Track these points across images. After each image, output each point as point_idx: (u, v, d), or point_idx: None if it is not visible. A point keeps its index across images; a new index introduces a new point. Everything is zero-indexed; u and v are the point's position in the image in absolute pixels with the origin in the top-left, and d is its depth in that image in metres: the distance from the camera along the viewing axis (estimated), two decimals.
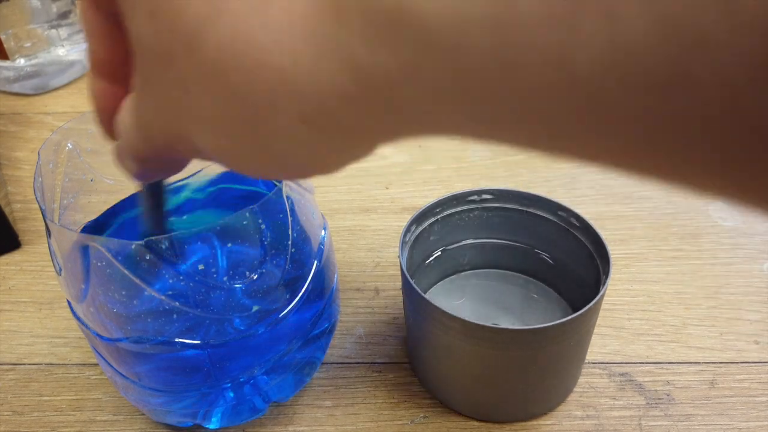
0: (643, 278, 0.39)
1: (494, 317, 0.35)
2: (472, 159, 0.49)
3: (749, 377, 0.33)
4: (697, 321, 0.36)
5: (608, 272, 0.29)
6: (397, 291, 0.39)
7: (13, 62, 0.57)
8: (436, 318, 0.28)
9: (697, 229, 0.42)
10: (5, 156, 0.52)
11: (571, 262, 0.34)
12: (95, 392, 0.34)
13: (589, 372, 0.33)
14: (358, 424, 0.32)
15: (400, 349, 0.35)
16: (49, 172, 0.28)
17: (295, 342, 0.29)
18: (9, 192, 0.48)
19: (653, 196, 0.45)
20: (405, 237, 0.32)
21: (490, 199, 0.34)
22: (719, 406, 0.32)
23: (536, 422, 0.31)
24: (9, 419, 0.33)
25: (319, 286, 0.30)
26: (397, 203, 0.45)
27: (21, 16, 0.56)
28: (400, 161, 0.49)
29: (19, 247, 0.43)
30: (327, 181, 0.47)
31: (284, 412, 0.32)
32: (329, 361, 0.35)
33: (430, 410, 0.32)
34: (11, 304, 0.39)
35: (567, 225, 0.33)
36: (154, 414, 0.30)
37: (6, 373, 0.35)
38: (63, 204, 0.29)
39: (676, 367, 0.33)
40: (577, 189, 0.46)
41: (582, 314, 0.27)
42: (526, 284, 0.37)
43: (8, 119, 0.56)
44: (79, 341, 0.36)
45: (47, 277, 0.41)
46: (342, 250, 0.42)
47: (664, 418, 0.31)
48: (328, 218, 0.40)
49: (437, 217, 0.34)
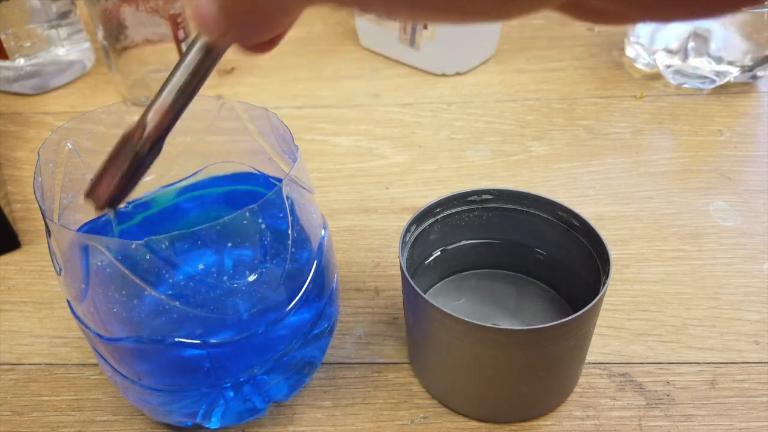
0: (643, 278, 0.39)
1: (494, 317, 0.35)
2: (472, 159, 0.49)
3: (749, 378, 0.33)
4: (698, 321, 0.36)
5: (608, 272, 0.29)
6: (397, 291, 0.39)
7: (13, 62, 0.57)
8: (436, 318, 0.28)
9: (697, 229, 0.42)
10: (5, 156, 0.52)
11: (571, 262, 0.34)
12: (95, 392, 0.34)
13: (589, 372, 0.33)
14: (358, 424, 0.32)
15: (400, 349, 0.35)
16: (48, 172, 0.28)
17: (295, 342, 0.29)
18: (9, 192, 0.48)
19: (653, 196, 0.45)
20: (405, 237, 0.32)
21: (490, 199, 0.34)
22: (719, 406, 0.32)
23: (536, 422, 0.31)
24: (9, 419, 0.33)
25: (319, 286, 0.30)
26: (397, 203, 0.45)
27: (21, 16, 0.56)
28: (400, 161, 0.49)
29: (19, 247, 0.43)
30: (327, 181, 0.47)
31: (284, 412, 0.32)
32: (329, 361, 0.35)
33: (430, 410, 0.32)
34: (11, 304, 0.39)
35: (567, 225, 0.33)
36: (154, 414, 0.30)
37: (6, 373, 0.35)
38: (63, 204, 0.29)
39: (677, 367, 0.33)
40: (577, 189, 0.46)
41: (582, 314, 0.27)
42: (526, 284, 0.37)
43: (8, 119, 0.56)
44: (79, 341, 0.36)
45: (47, 277, 0.41)
46: (342, 250, 0.42)
47: (664, 418, 0.31)
48: (328, 218, 0.40)
49: (437, 217, 0.34)
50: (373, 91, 0.58)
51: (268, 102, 0.57)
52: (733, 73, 0.54)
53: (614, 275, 0.39)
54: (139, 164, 0.22)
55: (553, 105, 0.55)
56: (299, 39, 0.67)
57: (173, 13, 0.53)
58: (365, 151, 0.50)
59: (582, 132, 0.51)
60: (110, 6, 0.52)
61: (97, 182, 0.23)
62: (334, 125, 0.54)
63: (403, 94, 0.57)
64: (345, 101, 0.57)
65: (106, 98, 0.59)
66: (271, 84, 0.60)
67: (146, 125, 0.21)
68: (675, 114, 0.53)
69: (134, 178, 0.22)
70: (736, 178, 0.46)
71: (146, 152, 0.22)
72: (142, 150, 0.22)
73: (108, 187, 0.22)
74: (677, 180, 0.46)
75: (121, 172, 0.22)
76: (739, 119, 0.52)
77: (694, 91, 0.55)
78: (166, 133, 0.22)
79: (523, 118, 0.53)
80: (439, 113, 0.54)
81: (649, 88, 0.56)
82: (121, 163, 0.22)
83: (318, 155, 0.50)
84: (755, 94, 0.55)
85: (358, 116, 0.54)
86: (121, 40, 0.54)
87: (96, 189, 0.23)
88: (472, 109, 0.55)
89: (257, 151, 0.32)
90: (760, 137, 0.50)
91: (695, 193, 0.45)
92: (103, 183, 0.23)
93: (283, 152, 0.31)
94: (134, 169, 0.22)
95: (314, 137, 0.52)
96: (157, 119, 0.21)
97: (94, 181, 0.23)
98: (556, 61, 0.61)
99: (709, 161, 0.48)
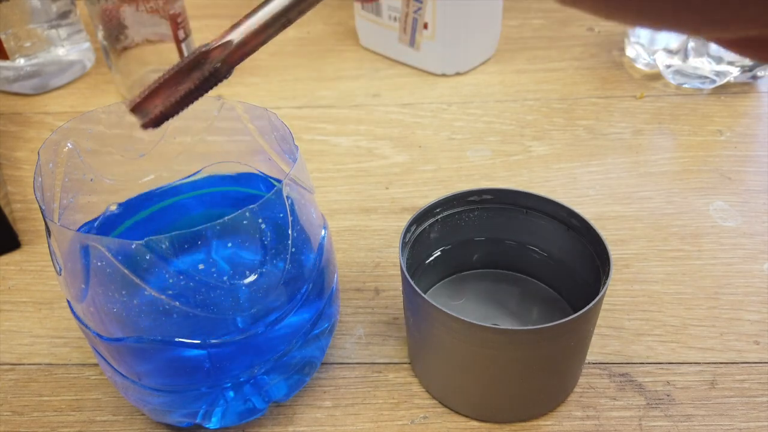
0: (643, 278, 0.39)
1: (494, 317, 0.35)
2: (472, 159, 0.49)
3: (749, 378, 0.33)
4: (698, 321, 0.36)
5: (608, 272, 0.29)
6: (397, 291, 0.39)
7: (13, 62, 0.57)
8: (436, 318, 0.28)
9: (697, 229, 0.42)
10: (5, 156, 0.52)
11: (571, 262, 0.34)
12: (95, 392, 0.34)
13: (589, 372, 0.33)
14: (358, 424, 0.32)
15: (400, 349, 0.35)
16: (49, 172, 0.28)
17: (295, 342, 0.29)
18: (9, 192, 0.48)
19: (653, 196, 0.45)
20: (405, 237, 0.32)
21: (490, 199, 0.34)
22: (719, 406, 0.32)
23: (536, 422, 0.31)
24: (9, 419, 0.33)
25: (319, 286, 0.30)
26: (397, 203, 0.45)
27: (21, 16, 0.56)
28: (400, 161, 0.49)
29: (19, 247, 0.43)
30: (327, 181, 0.47)
31: (284, 412, 0.32)
32: (329, 361, 0.35)
33: (430, 410, 0.32)
34: (11, 304, 0.39)
35: (567, 225, 0.33)
36: (154, 414, 0.30)
37: (6, 373, 0.35)
38: (63, 204, 0.29)
39: (677, 367, 0.33)
40: (577, 189, 0.46)
41: (582, 314, 0.27)
42: (526, 284, 0.37)
43: (8, 119, 0.56)
44: (79, 341, 0.36)
45: (47, 277, 0.41)
46: (342, 250, 0.42)
47: (664, 418, 0.31)
48: (328, 218, 0.40)
49: (437, 217, 0.34)
50: (373, 91, 0.58)
51: (268, 102, 0.57)
52: (733, 73, 0.54)
53: (614, 275, 0.39)
54: (207, 85, 0.20)
55: (553, 105, 0.55)
56: (299, 39, 0.67)
57: (173, 13, 0.53)
58: (365, 151, 0.50)
59: (582, 132, 0.51)
60: (110, 6, 0.52)
61: (149, 97, 0.21)
62: (334, 125, 0.54)
63: (403, 94, 0.57)
64: (345, 101, 0.57)
65: (106, 98, 0.59)
66: (271, 84, 0.60)
67: (230, 43, 0.19)
68: (675, 114, 0.53)
69: (193, 99, 0.21)
70: (736, 178, 0.46)
71: (224, 73, 0.20)
72: (220, 69, 0.20)
73: (162, 104, 0.20)
74: (677, 180, 0.46)
75: (184, 90, 0.20)
76: (739, 119, 0.52)
77: (694, 91, 0.55)
78: (247, 55, 0.20)
79: (523, 118, 0.53)
80: (439, 113, 0.54)
81: (649, 88, 0.56)
82: (184, 81, 0.20)
83: (318, 155, 0.50)
84: (755, 94, 0.55)
85: (358, 116, 0.54)
86: (121, 40, 0.54)
87: (147, 103, 0.21)
88: (472, 109, 0.55)
89: (257, 151, 0.32)
90: (760, 137, 0.50)
91: (695, 193, 0.45)
92: (157, 99, 0.21)
93: (283, 152, 0.31)
94: (199, 89, 0.20)
95: (314, 137, 0.52)
96: (245, 38, 0.19)
97: (146, 94, 0.21)
98: (556, 61, 0.61)
99: (709, 161, 0.48)
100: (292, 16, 0.19)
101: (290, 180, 0.27)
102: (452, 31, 0.56)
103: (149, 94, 0.21)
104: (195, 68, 0.20)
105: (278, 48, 0.65)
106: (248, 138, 0.31)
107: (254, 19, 0.19)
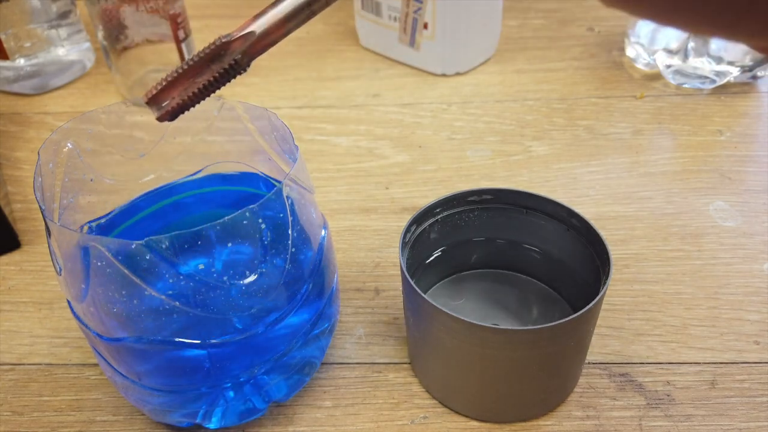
0: (643, 278, 0.39)
1: (494, 317, 0.35)
2: (472, 159, 0.49)
3: (749, 378, 0.33)
4: (698, 321, 0.36)
5: (608, 272, 0.29)
6: (397, 291, 0.39)
7: (13, 62, 0.57)
8: (436, 318, 0.28)
9: (697, 229, 0.42)
10: (5, 156, 0.52)
11: (571, 262, 0.34)
12: (95, 392, 0.34)
13: (589, 372, 0.33)
14: (358, 424, 0.32)
15: (400, 349, 0.35)
16: (49, 172, 0.28)
17: (295, 342, 0.29)
18: (9, 192, 0.48)
19: (653, 196, 0.45)
20: (405, 237, 0.32)
21: (490, 199, 0.34)
22: (719, 406, 0.32)
23: (536, 422, 0.31)
24: (9, 419, 0.33)
25: (319, 286, 0.30)
26: (397, 203, 0.45)
27: (21, 16, 0.56)
28: (400, 161, 0.49)
29: (19, 247, 0.43)
30: (327, 181, 0.47)
31: (284, 412, 0.32)
32: (329, 361, 0.35)
33: (430, 410, 0.32)
34: (11, 304, 0.39)
35: (567, 225, 0.33)
36: (154, 414, 0.30)
37: (6, 373, 0.35)
38: (63, 204, 0.29)
39: (677, 367, 0.33)
40: (577, 189, 0.46)
41: (582, 314, 0.27)
42: (526, 284, 0.37)
43: (8, 119, 0.56)
44: (79, 341, 0.36)
45: (47, 277, 0.41)
46: (342, 250, 0.42)
47: (664, 418, 0.31)
48: (328, 218, 0.40)
49: (437, 217, 0.34)
50: (372, 91, 0.58)
51: (268, 102, 0.57)
52: (733, 73, 0.54)
53: (614, 275, 0.39)
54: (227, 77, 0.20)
55: (553, 105, 0.55)
56: (299, 39, 0.67)
57: (173, 13, 0.53)
58: (365, 151, 0.50)
59: (582, 132, 0.51)
60: (110, 6, 0.52)
61: (166, 88, 0.20)
62: (334, 125, 0.54)
63: (403, 94, 0.57)
64: (345, 101, 0.57)
65: (106, 98, 0.59)
66: (271, 84, 0.60)
67: (252, 34, 0.19)
68: (675, 114, 0.53)
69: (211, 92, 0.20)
70: (736, 178, 0.46)
71: (245, 65, 0.19)
72: (240, 61, 0.19)
73: (179, 96, 0.20)
74: (677, 180, 0.46)
75: (203, 82, 0.20)
76: (739, 119, 0.52)
77: (694, 91, 0.55)
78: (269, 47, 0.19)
79: (523, 118, 0.53)
80: (439, 113, 0.54)
81: (649, 88, 0.56)
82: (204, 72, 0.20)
83: (318, 155, 0.50)
84: (755, 94, 0.55)
85: (358, 116, 0.54)
86: (121, 40, 0.54)
87: (163, 95, 0.20)
88: (472, 109, 0.55)
89: (257, 151, 0.32)
90: (760, 137, 0.50)
91: (695, 193, 0.45)
92: (174, 90, 0.20)
93: (283, 152, 0.31)
94: (219, 81, 0.20)
95: (314, 137, 0.52)
96: (268, 29, 0.19)
97: (163, 86, 0.20)
98: (556, 61, 0.61)
99: (709, 161, 0.48)
100: (316, 8, 0.19)
101: (290, 180, 0.27)
102: (452, 31, 0.56)
103: (166, 86, 0.20)
104: (215, 60, 0.20)
105: (278, 48, 0.65)
106: (248, 138, 0.31)
107: (277, 10, 0.19)
